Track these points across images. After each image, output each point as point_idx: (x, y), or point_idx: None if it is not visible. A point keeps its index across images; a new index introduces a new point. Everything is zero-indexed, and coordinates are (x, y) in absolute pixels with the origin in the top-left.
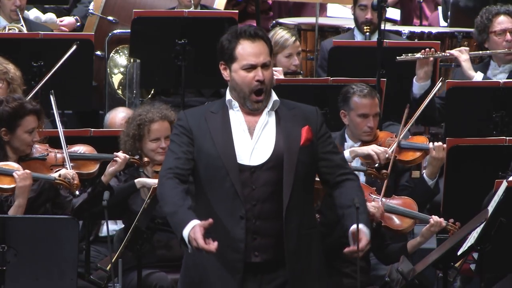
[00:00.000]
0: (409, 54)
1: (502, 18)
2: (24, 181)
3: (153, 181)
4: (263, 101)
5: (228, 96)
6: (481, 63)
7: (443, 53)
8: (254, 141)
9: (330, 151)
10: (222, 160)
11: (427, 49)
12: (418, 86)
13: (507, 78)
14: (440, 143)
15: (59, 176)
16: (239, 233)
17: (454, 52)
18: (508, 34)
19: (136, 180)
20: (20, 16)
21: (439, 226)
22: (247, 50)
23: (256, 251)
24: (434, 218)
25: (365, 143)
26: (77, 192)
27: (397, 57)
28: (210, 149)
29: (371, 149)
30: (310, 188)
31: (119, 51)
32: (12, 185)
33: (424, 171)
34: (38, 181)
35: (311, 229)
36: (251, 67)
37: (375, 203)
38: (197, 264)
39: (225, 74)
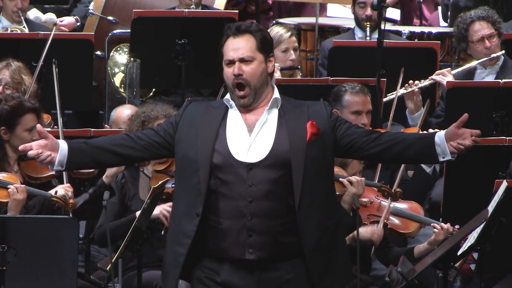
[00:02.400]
0: (393, 93)
1: (477, 26)
2: (18, 195)
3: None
4: (246, 96)
5: (228, 95)
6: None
7: (425, 81)
8: (252, 138)
9: (349, 127)
10: (198, 155)
11: (410, 82)
12: (411, 118)
13: (495, 78)
14: (430, 130)
15: (56, 193)
16: (189, 229)
17: (436, 77)
18: (486, 40)
19: (138, 213)
20: (22, 18)
21: (446, 233)
22: (228, 46)
23: (251, 248)
24: (439, 226)
25: None
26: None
27: (383, 99)
28: (192, 140)
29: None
30: (326, 181)
31: (119, 49)
32: (6, 200)
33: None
34: (38, 201)
35: (334, 220)
36: (229, 62)
37: (372, 228)
38: (166, 247)
39: None
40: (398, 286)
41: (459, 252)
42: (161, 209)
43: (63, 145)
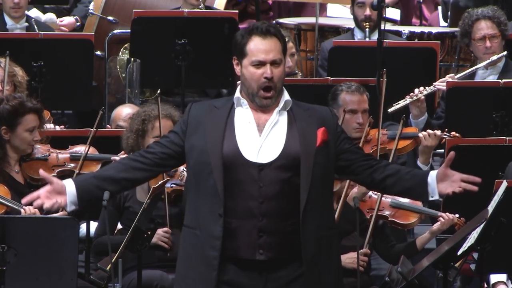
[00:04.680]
0: (399, 102)
1: (482, 24)
2: None
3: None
4: (271, 98)
5: (237, 93)
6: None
7: (430, 88)
8: (262, 138)
9: (352, 145)
10: (209, 156)
11: (416, 90)
12: (415, 123)
13: (497, 79)
14: (429, 130)
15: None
16: (217, 230)
17: (440, 85)
18: (487, 40)
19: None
20: (22, 14)
21: (450, 222)
22: (258, 46)
23: (261, 249)
24: (445, 216)
25: (355, 140)
26: None
27: (388, 110)
28: (201, 144)
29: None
30: (328, 189)
31: (125, 50)
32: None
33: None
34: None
35: (331, 230)
36: (260, 64)
37: (360, 258)
38: (183, 259)
39: (237, 69)
40: (398, 286)
41: (459, 252)
42: (158, 237)
43: (70, 187)
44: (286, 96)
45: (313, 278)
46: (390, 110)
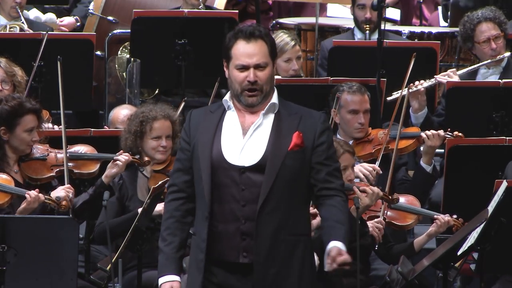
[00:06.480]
0: (398, 91)
1: (484, 27)
2: (33, 204)
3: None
4: (256, 96)
5: (226, 96)
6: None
7: (431, 81)
8: (244, 141)
9: (320, 162)
10: (200, 161)
11: (416, 82)
12: (415, 116)
13: (498, 79)
14: (432, 130)
15: (49, 194)
16: (204, 232)
17: (441, 79)
18: (492, 42)
19: (139, 210)
20: (20, 13)
21: (446, 225)
22: (240, 50)
23: (245, 252)
24: (441, 219)
25: (357, 140)
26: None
27: (387, 98)
28: (196, 150)
29: (358, 169)
30: (300, 194)
31: (124, 49)
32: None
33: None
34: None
35: (296, 236)
36: (243, 68)
37: (374, 224)
38: (189, 266)
39: (226, 71)
40: (398, 286)
41: (459, 252)
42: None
43: (178, 277)
44: (274, 99)
45: (265, 281)
46: (389, 98)
